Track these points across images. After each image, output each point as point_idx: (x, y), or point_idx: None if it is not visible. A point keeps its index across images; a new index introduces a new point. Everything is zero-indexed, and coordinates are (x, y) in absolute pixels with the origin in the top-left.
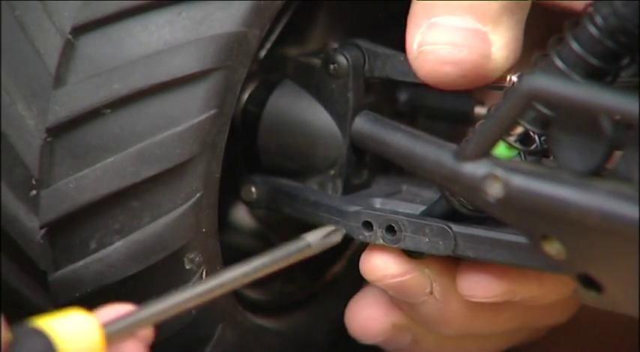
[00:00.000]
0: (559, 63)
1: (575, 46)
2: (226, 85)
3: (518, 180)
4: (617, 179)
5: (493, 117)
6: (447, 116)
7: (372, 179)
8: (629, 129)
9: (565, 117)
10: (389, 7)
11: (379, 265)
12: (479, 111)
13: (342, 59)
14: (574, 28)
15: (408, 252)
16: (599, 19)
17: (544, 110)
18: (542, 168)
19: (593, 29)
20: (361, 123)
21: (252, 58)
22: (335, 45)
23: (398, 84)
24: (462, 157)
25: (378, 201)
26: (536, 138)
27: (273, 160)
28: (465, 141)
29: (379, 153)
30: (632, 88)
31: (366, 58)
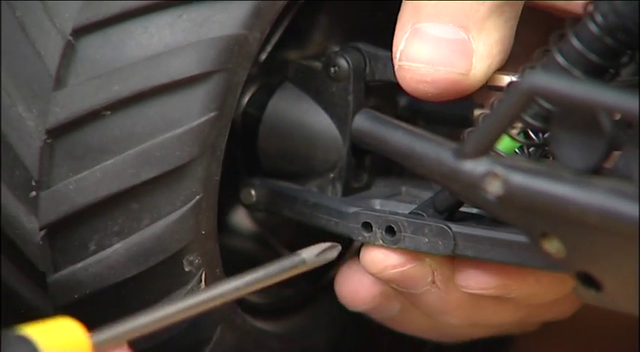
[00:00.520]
0: (560, 59)
1: (576, 43)
2: (226, 88)
3: (517, 177)
4: (617, 177)
5: (493, 115)
6: (447, 119)
7: (372, 181)
8: (628, 127)
9: (565, 115)
10: (389, 11)
11: (379, 257)
12: (478, 114)
13: (342, 62)
14: (575, 24)
15: None
16: (599, 16)
17: (546, 105)
18: (541, 165)
19: (593, 26)
20: (361, 121)
21: (253, 60)
22: (336, 48)
23: (398, 87)
24: (462, 155)
25: (377, 203)
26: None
27: (273, 163)
28: (465, 138)
29: (379, 151)
30: (632, 86)
31: (367, 61)
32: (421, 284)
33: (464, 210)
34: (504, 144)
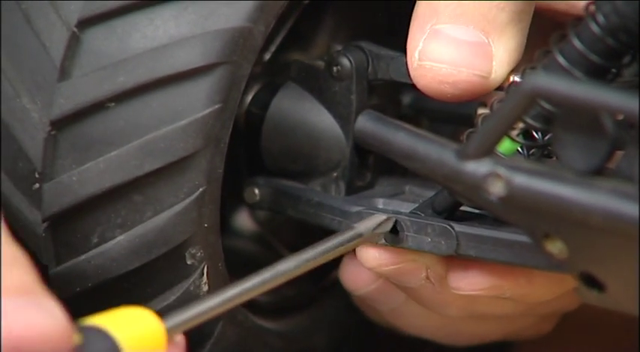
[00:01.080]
0: (561, 59)
1: (577, 44)
2: (231, 80)
3: (520, 178)
4: (620, 178)
5: (495, 116)
6: (451, 118)
7: (375, 180)
8: (631, 128)
9: (567, 116)
10: (394, 13)
11: (374, 254)
12: (479, 115)
13: (345, 61)
14: (577, 25)
15: None
16: (600, 17)
17: (547, 106)
18: (544, 166)
19: (594, 27)
20: (363, 122)
21: (257, 55)
22: (338, 47)
23: (401, 86)
24: (465, 156)
25: (380, 202)
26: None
27: (276, 162)
28: (466, 138)
29: (381, 151)
30: (634, 86)
31: (370, 60)
32: (416, 279)
33: (467, 209)
34: (504, 145)
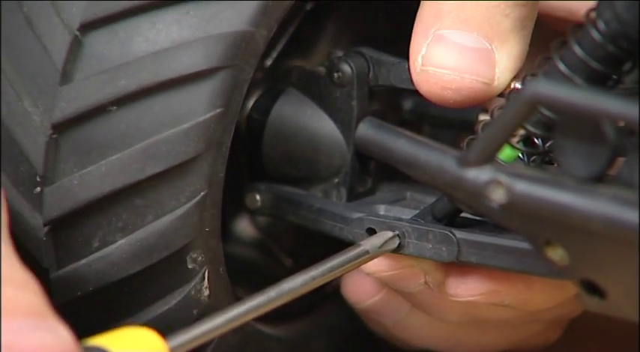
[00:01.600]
0: (561, 66)
1: (578, 50)
2: (233, 84)
3: (521, 185)
4: (620, 185)
5: (496, 123)
6: (452, 124)
7: (377, 186)
8: (632, 135)
9: (568, 123)
10: (396, 21)
11: (373, 261)
12: (479, 122)
13: (346, 67)
14: (577, 31)
15: None
16: (601, 23)
17: (548, 114)
18: (545, 173)
19: (595, 33)
20: (364, 129)
21: (259, 60)
22: (339, 53)
23: (402, 92)
24: (465, 163)
25: (381, 208)
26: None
27: (277, 168)
28: (466, 145)
29: (382, 158)
30: (635, 93)
31: (371, 66)
32: (414, 285)
33: (467, 216)
34: (504, 152)
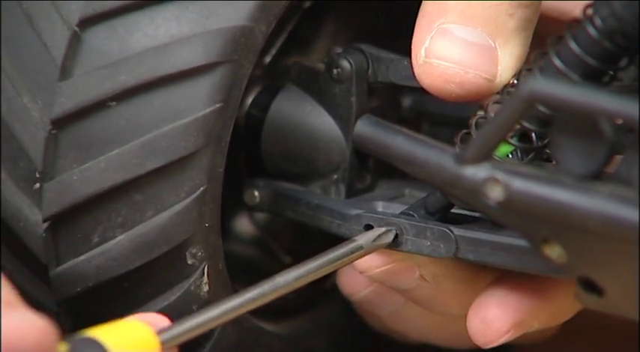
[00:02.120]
0: (557, 62)
1: (574, 46)
2: (232, 79)
3: (518, 183)
4: (618, 182)
5: (494, 121)
6: (451, 121)
7: (375, 183)
8: (629, 132)
9: (566, 121)
10: (395, 19)
11: (364, 258)
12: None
13: (345, 63)
14: (574, 27)
15: None
16: (597, 20)
17: (544, 110)
18: (542, 171)
19: (591, 30)
20: (362, 127)
21: (258, 55)
22: (338, 49)
23: (401, 89)
24: (463, 161)
25: (380, 205)
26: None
27: (276, 164)
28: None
29: (380, 156)
30: (633, 91)
31: (370, 62)
32: (410, 279)
33: (462, 212)
34: (500, 148)
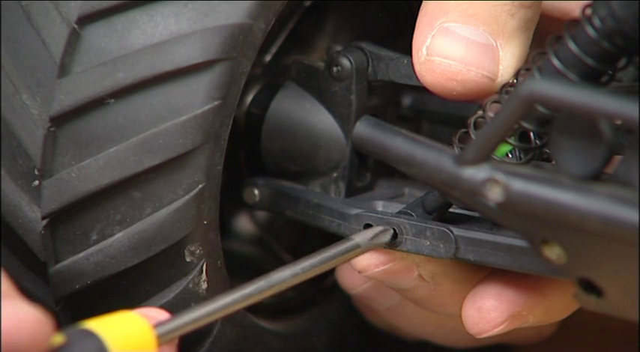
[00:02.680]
0: (556, 62)
1: (572, 46)
2: (231, 77)
3: (518, 184)
4: (617, 183)
5: (493, 122)
6: (451, 121)
7: (375, 182)
8: (629, 133)
9: (565, 121)
10: (395, 19)
11: (363, 257)
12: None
13: (345, 62)
14: (572, 27)
15: None
16: (596, 20)
17: (544, 110)
18: (542, 172)
19: (590, 30)
20: (361, 128)
21: (257, 53)
22: (338, 47)
23: (401, 87)
24: (462, 162)
25: (380, 204)
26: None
27: (276, 163)
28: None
29: (379, 157)
30: (632, 92)
31: (370, 60)
32: (409, 279)
33: (461, 211)
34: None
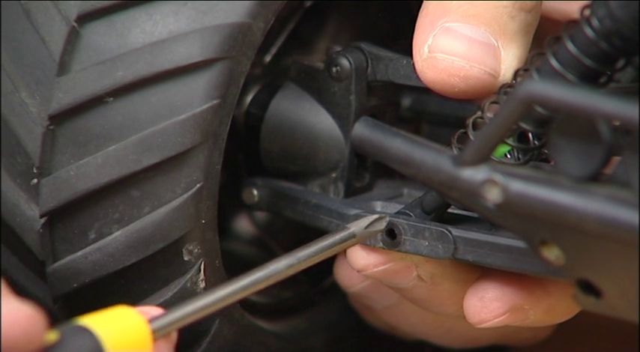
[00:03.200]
0: (554, 63)
1: (571, 47)
2: (230, 76)
3: (516, 185)
4: (616, 184)
5: (492, 123)
6: (451, 121)
7: (374, 182)
8: (627, 134)
9: (564, 122)
10: (395, 20)
11: (362, 255)
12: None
13: (344, 62)
14: (571, 28)
15: None
16: (595, 20)
17: (542, 111)
18: (540, 173)
19: (588, 31)
20: (360, 129)
21: (257, 52)
22: (338, 48)
23: (401, 88)
24: (461, 163)
25: (378, 205)
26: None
27: (275, 163)
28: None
29: (378, 158)
30: (631, 93)
31: (369, 61)
32: (407, 279)
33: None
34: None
